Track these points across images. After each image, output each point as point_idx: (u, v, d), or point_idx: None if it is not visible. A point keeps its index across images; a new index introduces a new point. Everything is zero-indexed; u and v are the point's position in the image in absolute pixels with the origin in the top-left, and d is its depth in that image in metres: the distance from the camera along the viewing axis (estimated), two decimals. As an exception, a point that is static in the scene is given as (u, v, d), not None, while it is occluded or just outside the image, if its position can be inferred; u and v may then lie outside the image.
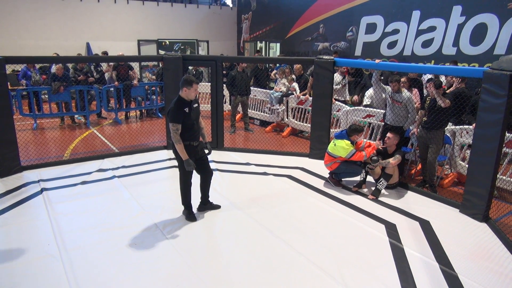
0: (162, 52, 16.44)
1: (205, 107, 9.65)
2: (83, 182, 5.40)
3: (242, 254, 3.72)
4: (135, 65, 11.22)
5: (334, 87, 9.01)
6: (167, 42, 17.09)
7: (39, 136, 8.09)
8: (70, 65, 9.70)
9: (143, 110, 10.34)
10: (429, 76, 7.13)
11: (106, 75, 9.90)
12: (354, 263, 3.59)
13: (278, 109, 8.57)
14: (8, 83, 5.92)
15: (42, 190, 5.09)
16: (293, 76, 8.88)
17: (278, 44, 16.81)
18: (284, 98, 8.53)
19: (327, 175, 5.63)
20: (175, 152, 4.11)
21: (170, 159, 6.50)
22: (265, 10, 17.01)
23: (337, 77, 8.71)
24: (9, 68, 5.64)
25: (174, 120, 3.93)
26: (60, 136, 8.13)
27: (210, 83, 7.06)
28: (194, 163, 4.11)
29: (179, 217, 4.42)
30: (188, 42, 17.49)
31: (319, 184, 5.56)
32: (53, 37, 14.40)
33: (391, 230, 4.21)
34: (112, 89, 9.35)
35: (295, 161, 6.54)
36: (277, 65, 11.22)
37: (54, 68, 9.47)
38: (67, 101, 8.95)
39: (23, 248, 3.77)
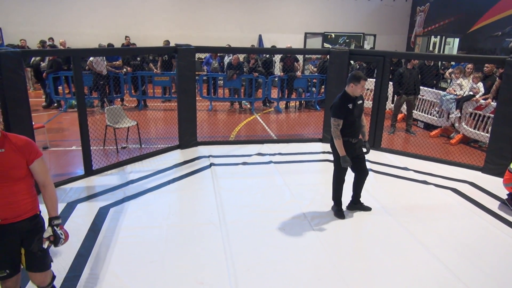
0: (326, 45, 16.57)
1: (366, 103, 9.33)
2: (244, 163, 5.92)
3: (390, 263, 3.49)
4: (300, 57, 11.59)
5: None
6: (333, 35, 17.08)
7: (212, 117, 9.22)
8: (242, 56, 10.66)
9: (302, 101, 10.66)
10: None
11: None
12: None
13: (457, 115, 7.54)
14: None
15: (211, 164, 5.79)
16: (479, 75, 7.64)
17: (457, 40, 14.87)
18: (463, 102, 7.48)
19: (504, 196, 4.76)
20: (333, 146, 4.09)
21: (324, 152, 6.54)
22: (446, 1, 15.23)
23: None
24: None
25: (336, 115, 3.91)
26: (228, 118, 9.09)
27: (374, 79, 6.76)
28: (351, 161, 4.02)
29: (327, 211, 4.42)
30: (354, 36, 17.11)
31: (493, 204, 4.74)
32: (232, 29, 16.06)
33: None
34: (277, 79, 9.92)
35: (464, 173, 5.74)
36: (453, 63, 10.00)
37: (227, 58, 10.57)
38: (238, 87, 9.91)
39: (192, 212, 4.39)
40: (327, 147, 6.73)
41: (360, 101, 4.06)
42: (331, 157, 4.30)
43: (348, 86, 3.95)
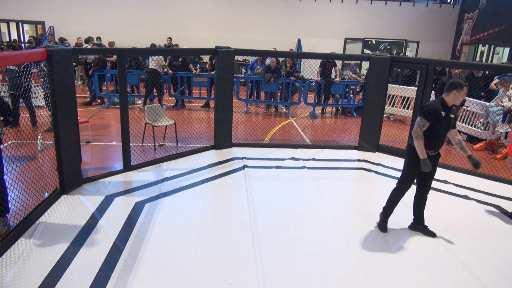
0: (367, 51, 16.26)
1: (406, 112, 9.12)
2: (278, 167, 5.91)
3: (424, 280, 3.35)
4: (338, 63, 11.45)
5: None
6: (373, 41, 16.75)
7: (247, 119, 9.28)
8: (281, 60, 10.66)
9: (339, 107, 10.50)
10: None
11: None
12: None
13: (503, 128, 7.15)
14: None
15: (244, 166, 5.83)
16: None
17: (507, 49, 14.15)
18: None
19: (554, 218, 4.47)
20: (410, 151, 3.84)
21: (359, 160, 6.40)
22: (497, 7, 14.52)
23: None
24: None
25: (425, 116, 3.66)
26: (263, 121, 9.12)
27: (416, 88, 6.55)
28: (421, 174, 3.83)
29: (360, 220, 4.32)
30: (395, 42, 16.70)
31: (541, 226, 4.46)
32: (272, 33, 16.14)
33: None
34: (314, 83, 9.84)
35: (509, 190, 5.44)
36: (500, 73, 9.50)
37: (268, 61, 10.63)
38: (274, 91, 9.92)
39: (224, 212, 4.43)
40: (362, 155, 6.63)
41: (453, 116, 3.81)
42: (366, 165, 4.21)
43: (449, 93, 3.70)
